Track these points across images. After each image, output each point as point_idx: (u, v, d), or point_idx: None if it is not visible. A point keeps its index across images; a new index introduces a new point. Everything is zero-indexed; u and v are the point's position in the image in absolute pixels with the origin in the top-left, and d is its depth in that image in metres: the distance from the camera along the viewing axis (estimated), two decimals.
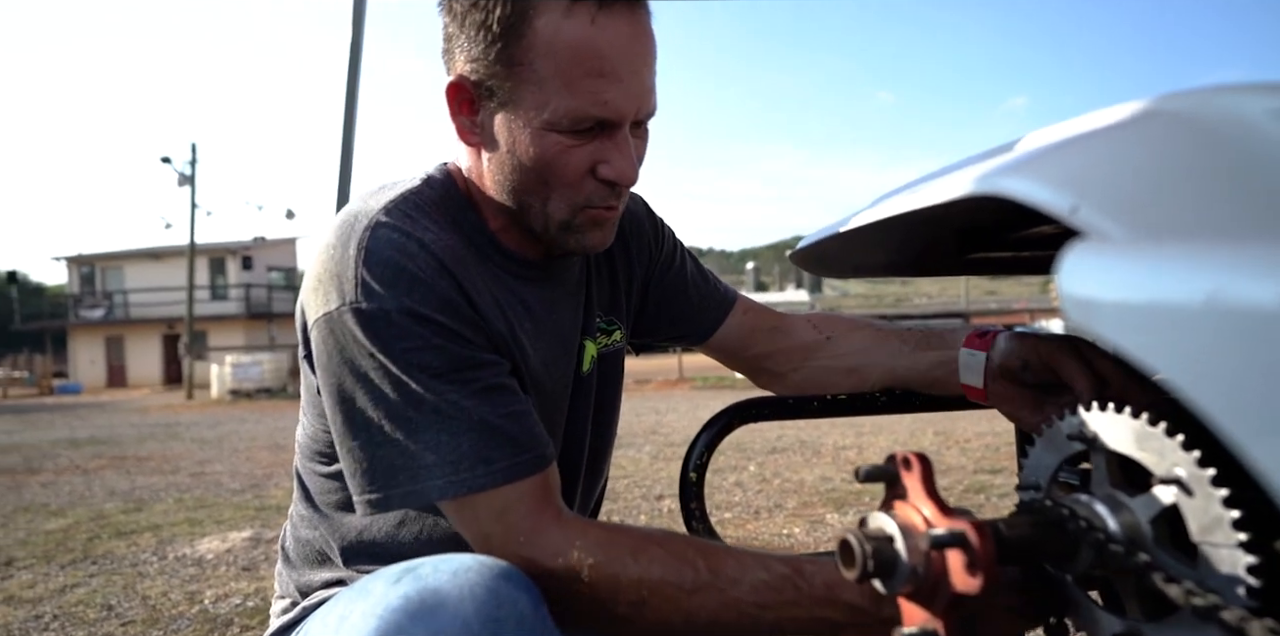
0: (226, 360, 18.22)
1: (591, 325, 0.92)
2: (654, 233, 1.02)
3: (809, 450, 5.84)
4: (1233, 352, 0.30)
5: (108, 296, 30.90)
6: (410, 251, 0.71)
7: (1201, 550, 0.45)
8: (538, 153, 0.73)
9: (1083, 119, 0.50)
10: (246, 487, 5.20)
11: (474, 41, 0.72)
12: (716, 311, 1.04)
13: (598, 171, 0.74)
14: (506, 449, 0.69)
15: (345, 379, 0.70)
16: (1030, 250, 0.83)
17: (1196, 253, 0.33)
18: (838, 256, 0.86)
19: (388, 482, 0.70)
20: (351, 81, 3.36)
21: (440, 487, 0.68)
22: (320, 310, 0.72)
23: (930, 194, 0.53)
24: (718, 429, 0.84)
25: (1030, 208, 0.44)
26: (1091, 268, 0.34)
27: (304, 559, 0.90)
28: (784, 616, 0.65)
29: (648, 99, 0.74)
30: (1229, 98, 0.40)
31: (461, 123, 0.78)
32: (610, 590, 0.66)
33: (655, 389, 14.45)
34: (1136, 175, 0.42)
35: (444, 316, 0.70)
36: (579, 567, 0.66)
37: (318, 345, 0.73)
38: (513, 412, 0.71)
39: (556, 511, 0.70)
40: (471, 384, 0.70)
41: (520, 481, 0.69)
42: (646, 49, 0.73)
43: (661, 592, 0.65)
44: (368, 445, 0.70)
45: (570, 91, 0.70)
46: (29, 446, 8.58)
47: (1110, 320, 0.32)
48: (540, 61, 0.70)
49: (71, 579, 3.12)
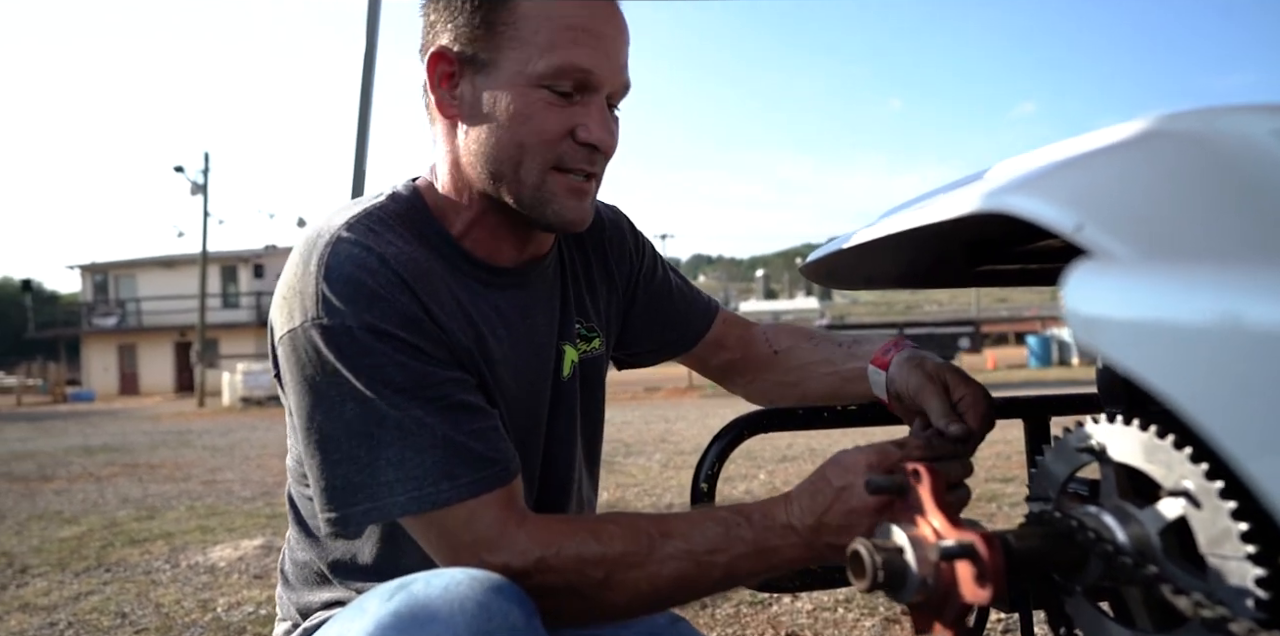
0: (238, 367, 18.32)
1: (570, 330, 0.92)
2: (634, 243, 1.03)
3: (819, 458, 5.82)
4: (1237, 373, 0.31)
5: (120, 304, 31.15)
6: (370, 266, 0.71)
7: (1210, 562, 0.46)
8: (517, 109, 0.74)
9: (1088, 137, 0.51)
10: (258, 495, 5.22)
11: (459, 11, 0.75)
12: (702, 319, 1.07)
13: (576, 133, 0.75)
14: (471, 465, 0.69)
15: (308, 396, 0.70)
16: (1039, 262, 0.83)
17: (1202, 273, 0.34)
18: (847, 269, 0.87)
19: (347, 500, 0.69)
20: (366, 87, 3.39)
21: (403, 504, 0.68)
22: (284, 327, 0.72)
23: (938, 210, 0.54)
24: (729, 439, 0.85)
25: (1036, 225, 0.45)
26: (1097, 286, 0.35)
27: (302, 581, 0.90)
28: (735, 555, 0.68)
29: (623, 72, 0.77)
30: (1233, 118, 0.41)
31: (441, 95, 0.78)
32: (578, 570, 0.68)
33: (664, 397, 14.44)
34: (1141, 194, 0.42)
35: (405, 332, 0.70)
36: (548, 559, 0.68)
37: (283, 363, 0.73)
38: (477, 429, 0.71)
39: (520, 516, 0.71)
40: (436, 401, 0.70)
41: (485, 495, 0.69)
42: (623, 30, 0.77)
43: (624, 562, 0.68)
44: (327, 462, 0.70)
45: (555, 46, 0.72)
46: (43, 454, 8.64)
47: (1115, 339, 0.33)
48: (524, 23, 0.73)
49: (85, 586, 3.14)
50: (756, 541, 0.69)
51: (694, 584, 0.69)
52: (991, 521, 3.44)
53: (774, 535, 0.69)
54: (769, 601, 2.54)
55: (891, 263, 0.85)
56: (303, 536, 0.89)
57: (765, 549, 0.69)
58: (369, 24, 3.72)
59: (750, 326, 1.10)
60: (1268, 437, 0.29)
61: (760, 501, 0.71)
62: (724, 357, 1.08)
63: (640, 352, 1.07)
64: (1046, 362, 22.02)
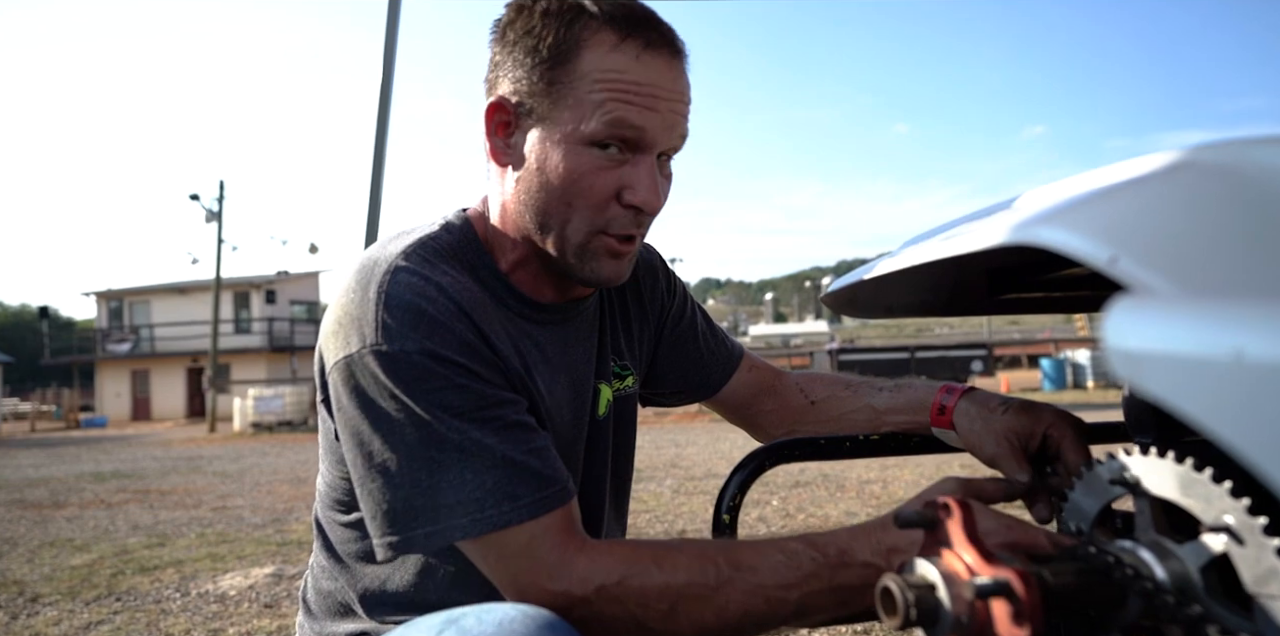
0: (249, 393, 18.36)
1: (606, 369, 0.93)
2: (666, 283, 1.04)
3: (833, 484, 5.76)
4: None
5: (134, 331, 31.38)
6: (429, 295, 0.72)
7: (1258, 601, 0.44)
8: (568, 167, 0.75)
9: (1116, 168, 0.51)
10: (268, 522, 5.20)
11: (520, 65, 0.76)
12: (726, 365, 1.07)
13: (623, 196, 0.76)
14: (531, 484, 0.69)
15: (365, 420, 0.71)
16: (1061, 290, 0.83)
17: (1241, 307, 0.34)
18: (869, 298, 0.87)
19: (409, 524, 0.69)
20: (382, 116, 3.43)
21: (464, 526, 0.67)
22: (340, 353, 0.72)
23: (966, 241, 0.54)
24: (750, 470, 0.84)
25: (1066, 257, 0.44)
26: (1138, 322, 0.34)
27: (326, 610, 0.88)
28: (808, 591, 0.66)
29: (678, 132, 0.77)
30: (1264, 150, 0.41)
31: (495, 143, 0.80)
32: (641, 602, 0.66)
33: (674, 421, 14.37)
34: (1173, 226, 0.42)
35: (464, 357, 0.71)
36: (609, 588, 0.66)
37: (336, 387, 0.73)
38: (535, 448, 0.71)
39: (581, 541, 0.70)
40: (493, 422, 0.70)
41: (545, 516, 0.69)
42: (682, 89, 0.77)
43: (689, 594, 0.66)
44: (387, 486, 0.70)
45: (611, 104, 0.73)
46: (55, 480, 8.65)
47: (1159, 375, 0.32)
48: (583, 83, 0.73)
49: (96, 615, 3.12)
50: (832, 580, 0.66)
51: (763, 620, 0.66)
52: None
53: (852, 575, 0.66)
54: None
55: (913, 291, 0.84)
56: (331, 564, 0.88)
57: (841, 588, 0.66)
58: (385, 54, 3.78)
59: (781, 375, 1.09)
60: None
61: (838, 533, 0.68)
62: (751, 405, 1.07)
63: (664, 393, 1.07)
64: (1061, 386, 21.82)
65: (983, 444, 0.83)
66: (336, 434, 0.76)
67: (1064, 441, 0.80)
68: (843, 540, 0.68)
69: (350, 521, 0.84)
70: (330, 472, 0.85)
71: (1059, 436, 0.80)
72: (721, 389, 1.06)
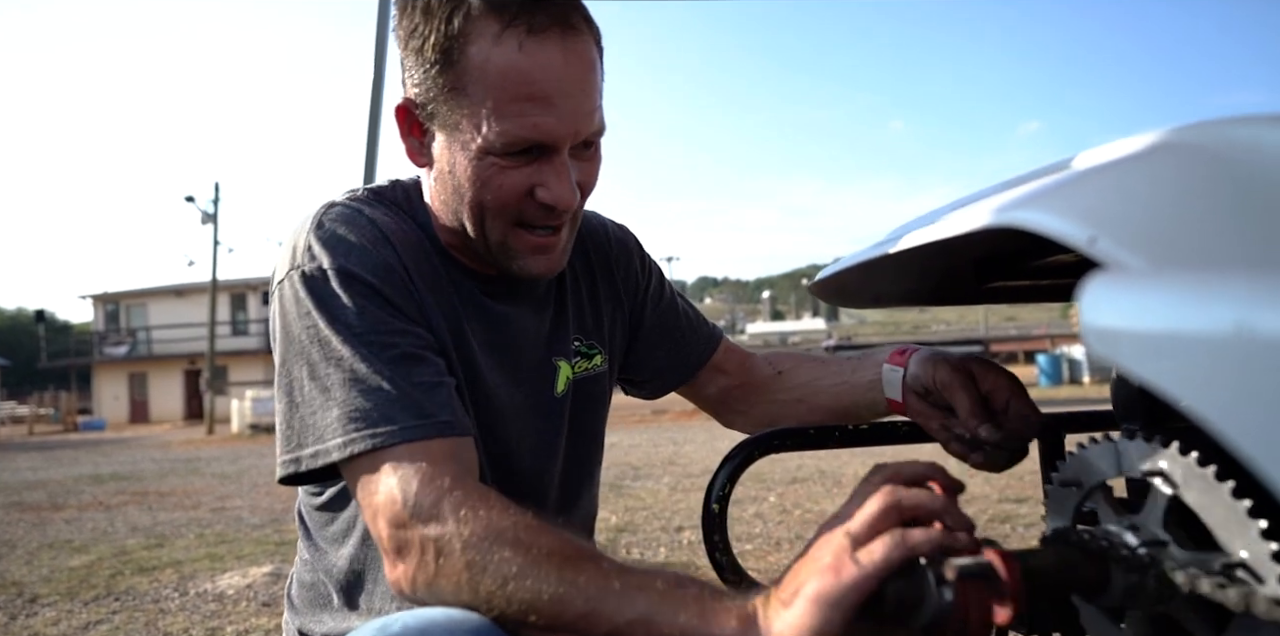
0: (247, 394, 18.33)
1: (565, 346, 0.91)
2: (640, 264, 1.03)
3: (829, 480, 5.77)
4: (1254, 381, 0.30)
5: (131, 333, 31.34)
6: (358, 223, 0.76)
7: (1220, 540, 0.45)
8: (474, 175, 0.74)
9: (1097, 150, 0.51)
10: (266, 522, 5.20)
11: (416, 66, 0.74)
12: (707, 344, 1.06)
13: (535, 194, 0.75)
14: (411, 411, 0.68)
15: (283, 342, 0.73)
16: (1049, 278, 0.83)
17: (1216, 282, 0.34)
18: (856, 287, 0.87)
19: (300, 442, 0.70)
20: (373, 117, 3.42)
21: (340, 445, 0.67)
22: (275, 281, 0.76)
23: (949, 226, 0.54)
24: (739, 461, 0.84)
25: (1048, 239, 0.44)
26: (1112, 298, 0.34)
27: (307, 604, 0.89)
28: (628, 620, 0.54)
29: (586, 122, 0.73)
30: (1240, 129, 0.41)
31: (410, 144, 0.79)
32: (475, 574, 0.60)
33: (672, 419, 14.37)
34: (1153, 206, 0.42)
35: (376, 279, 0.73)
36: (452, 541, 0.61)
37: (271, 315, 0.77)
38: (425, 382, 0.71)
39: (456, 480, 0.65)
40: (388, 349, 0.71)
41: (421, 442, 0.67)
42: (582, 73, 0.72)
43: (520, 592, 0.58)
44: (289, 406, 0.72)
45: (502, 116, 0.70)
46: (54, 482, 8.64)
47: (1132, 350, 0.33)
48: (473, 87, 0.71)
49: (94, 615, 3.12)
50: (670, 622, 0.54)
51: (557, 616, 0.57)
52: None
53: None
54: None
55: (900, 280, 0.84)
56: (311, 554, 0.89)
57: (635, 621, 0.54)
58: (377, 55, 3.78)
59: (750, 355, 1.09)
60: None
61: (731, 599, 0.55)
62: (722, 384, 1.06)
63: (644, 376, 1.05)
64: (1057, 381, 21.85)
65: (934, 372, 0.83)
66: None
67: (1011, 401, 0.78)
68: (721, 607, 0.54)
69: (323, 502, 0.85)
70: None
71: (1008, 394, 0.78)
72: (701, 369, 1.05)
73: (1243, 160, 0.39)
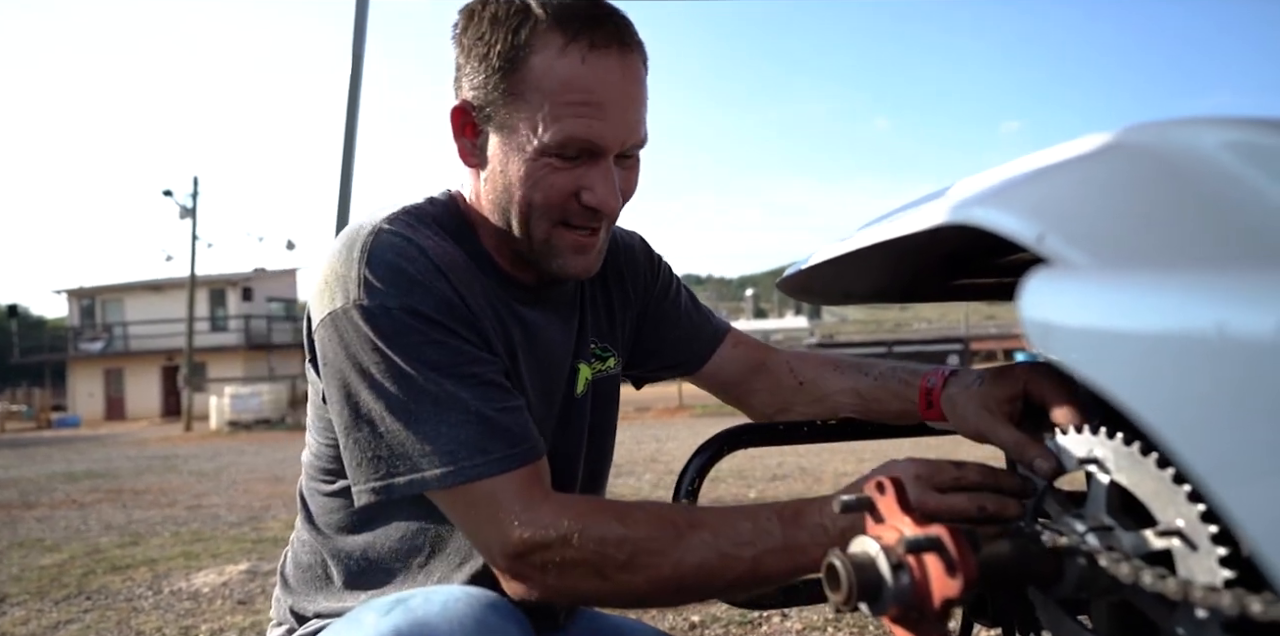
0: (226, 391, 18.17)
1: (585, 349, 0.95)
2: (650, 267, 1.07)
3: (810, 477, 5.80)
4: (1189, 377, 0.31)
5: (108, 329, 30.90)
6: (410, 255, 0.76)
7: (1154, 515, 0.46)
8: (526, 174, 0.78)
9: (1051, 150, 0.52)
10: (244, 520, 5.16)
11: (477, 71, 0.79)
12: (710, 341, 1.08)
13: (580, 197, 0.80)
14: (502, 439, 0.73)
15: (349, 373, 0.74)
16: (1014, 276, 0.84)
17: (1153, 279, 0.35)
18: (825, 284, 0.88)
19: (390, 471, 0.73)
20: (351, 112, 3.41)
21: (439, 477, 0.71)
22: (325, 310, 0.76)
23: (907, 223, 0.55)
24: (709, 455, 0.85)
25: (1001, 236, 0.45)
26: (1054, 293, 0.35)
27: (303, 584, 0.91)
28: (762, 550, 0.68)
29: (633, 131, 0.79)
30: (1184, 131, 0.42)
31: (463, 144, 0.84)
32: (600, 551, 0.68)
33: (655, 416, 14.39)
34: (1099, 204, 0.43)
35: (441, 315, 0.75)
36: (569, 535, 0.68)
37: (322, 344, 0.77)
38: (507, 407, 0.75)
39: (546, 493, 0.73)
40: (469, 379, 0.74)
41: (514, 471, 0.72)
42: (634, 88, 0.79)
43: (647, 547, 0.68)
44: (370, 436, 0.73)
45: (559, 119, 0.76)
46: (25, 480, 8.51)
47: (1068, 343, 0.33)
48: (533, 93, 0.76)
49: (65, 614, 3.08)
50: (786, 538, 0.68)
51: (717, 575, 0.69)
52: None
53: (804, 534, 0.68)
54: (759, 621, 2.51)
55: (869, 277, 0.85)
56: (312, 536, 0.91)
57: (794, 547, 0.68)
58: (354, 50, 3.77)
59: (772, 352, 1.09)
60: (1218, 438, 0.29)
61: (795, 500, 0.72)
62: (747, 386, 1.09)
63: (650, 369, 1.10)
64: None
65: (967, 422, 0.82)
66: (324, 396, 0.79)
67: (1046, 393, 0.76)
68: (800, 505, 0.71)
69: (334, 490, 0.87)
70: (317, 442, 0.88)
71: (1039, 390, 0.77)
72: (706, 363, 1.08)
73: (1182, 161, 0.40)
